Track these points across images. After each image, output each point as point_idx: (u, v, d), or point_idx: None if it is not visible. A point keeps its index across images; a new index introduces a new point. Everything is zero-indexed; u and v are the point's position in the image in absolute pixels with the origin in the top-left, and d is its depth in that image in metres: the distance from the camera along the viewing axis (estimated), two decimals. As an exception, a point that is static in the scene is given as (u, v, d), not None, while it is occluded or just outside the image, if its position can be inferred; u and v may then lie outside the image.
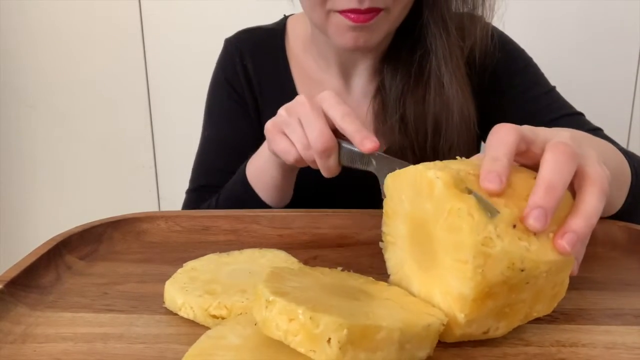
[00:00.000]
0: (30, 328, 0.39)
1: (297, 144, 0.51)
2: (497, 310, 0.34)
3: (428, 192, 0.35)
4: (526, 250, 0.33)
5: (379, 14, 0.60)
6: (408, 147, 0.68)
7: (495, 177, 0.33)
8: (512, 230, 0.33)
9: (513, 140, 0.36)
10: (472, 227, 0.32)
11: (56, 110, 1.35)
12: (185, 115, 1.21)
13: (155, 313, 0.41)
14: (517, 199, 0.34)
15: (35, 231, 1.44)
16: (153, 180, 1.38)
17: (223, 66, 0.79)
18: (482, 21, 0.69)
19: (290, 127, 0.51)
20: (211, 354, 0.32)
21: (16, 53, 1.31)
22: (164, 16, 1.28)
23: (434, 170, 0.34)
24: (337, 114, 0.48)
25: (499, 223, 0.32)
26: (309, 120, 0.49)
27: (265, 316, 0.32)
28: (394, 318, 0.32)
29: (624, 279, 0.46)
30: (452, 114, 0.67)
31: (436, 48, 0.66)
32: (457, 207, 0.33)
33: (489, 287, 0.32)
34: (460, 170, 0.35)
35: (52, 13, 1.28)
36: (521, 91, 0.72)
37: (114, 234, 0.54)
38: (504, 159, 0.34)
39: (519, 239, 0.33)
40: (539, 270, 0.33)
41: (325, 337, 0.29)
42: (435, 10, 0.65)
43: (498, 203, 0.33)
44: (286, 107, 0.52)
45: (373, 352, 0.30)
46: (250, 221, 0.56)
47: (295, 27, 0.78)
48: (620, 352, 0.35)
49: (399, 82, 0.69)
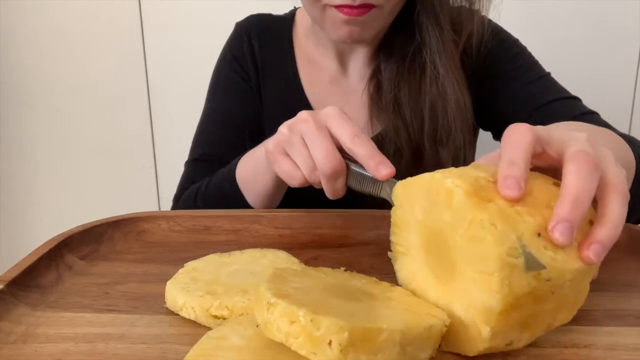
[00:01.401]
0: (31, 328, 0.39)
1: (303, 166, 0.48)
2: (521, 321, 0.33)
3: (446, 201, 0.33)
4: (552, 260, 0.32)
5: (372, 10, 0.62)
6: (402, 127, 0.69)
7: (514, 183, 0.32)
8: (537, 239, 0.32)
9: (529, 141, 0.34)
10: (497, 237, 0.31)
11: (56, 110, 1.35)
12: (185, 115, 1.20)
13: (157, 313, 0.40)
14: (540, 207, 0.33)
15: (35, 231, 1.44)
16: (153, 180, 1.38)
17: (231, 45, 0.81)
18: (479, 14, 0.70)
19: (294, 148, 0.48)
20: (212, 355, 0.32)
21: (16, 53, 1.31)
22: (164, 16, 1.28)
23: (452, 178, 0.33)
24: (347, 135, 0.45)
25: (524, 232, 0.31)
26: (314, 140, 0.46)
27: (266, 318, 0.32)
28: (396, 319, 0.32)
29: (625, 280, 0.46)
30: (449, 104, 0.68)
31: (429, 42, 0.67)
32: (480, 217, 0.31)
33: (515, 299, 0.31)
34: (479, 177, 0.34)
35: (52, 13, 1.28)
36: (515, 76, 0.73)
37: (114, 234, 0.54)
38: (521, 163, 0.33)
39: (544, 248, 0.32)
40: (564, 279, 0.32)
41: (326, 340, 0.29)
42: (428, 6, 0.67)
43: (521, 212, 0.32)
44: (288, 124, 0.49)
45: (374, 355, 0.30)
46: (251, 221, 0.56)
47: (302, 17, 0.80)
48: (622, 353, 0.35)
49: (393, 64, 0.70)
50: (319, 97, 0.76)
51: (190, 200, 0.70)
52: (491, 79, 0.74)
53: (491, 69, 0.74)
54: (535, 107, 0.70)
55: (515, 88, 0.73)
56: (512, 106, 0.72)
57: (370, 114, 0.73)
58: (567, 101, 0.71)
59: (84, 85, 1.33)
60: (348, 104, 0.74)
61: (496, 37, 0.74)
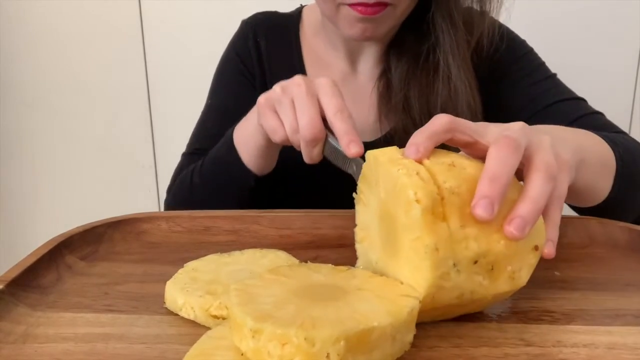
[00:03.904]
0: (31, 328, 0.39)
1: (286, 125, 0.51)
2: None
3: (404, 207, 0.35)
4: (479, 285, 0.35)
5: (386, 9, 0.62)
6: (411, 127, 0.69)
7: (488, 205, 0.33)
8: (472, 266, 0.34)
9: (516, 157, 0.36)
10: (435, 263, 0.33)
11: (56, 110, 1.35)
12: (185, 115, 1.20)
13: (156, 313, 0.40)
14: (490, 231, 0.35)
15: (35, 231, 1.44)
16: (153, 180, 1.38)
17: (235, 42, 0.81)
18: (489, 16, 0.70)
19: (282, 107, 0.51)
20: (212, 354, 0.32)
21: (16, 53, 1.31)
22: (164, 16, 1.28)
23: (414, 189, 0.34)
24: (331, 107, 0.48)
25: (461, 259, 0.34)
26: (302, 104, 0.49)
27: (253, 346, 0.31)
28: (380, 312, 0.32)
29: (624, 279, 0.46)
30: (460, 105, 0.68)
31: (444, 41, 0.68)
32: (426, 242, 0.33)
33: (436, 305, 0.35)
34: (446, 185, 0.34)
35: (52, 13, 1.28)
36: (521, 76, 0.73)
37: (114, 234, 0.54)
38: (503, 180, 0.34)
39: (476, 274, 0.35)
40: (487, 299, 0.36)
41: (324, 354, 0.29)
42: (443, 5, 0.67)
43: (469, 235, 0.34)
44: (282, 84, 0.52)
45: (370, 353, 0.31)
46: (251, 221, 0.56)
47: (309, 15, 0.80)
48: (621, 352, 0.35)
49: (404, 64, 0.71)
50: None
51: (187, 179, 0.70)
52: (498, 79, 0.74)
53: (498, 70, 0.74)
54: (540, 108, 0.70)
55: (521, 88, 0.73)
56: (517, 107, 0.72)
57: (380, 113, 0.73)
58: (571, 102, 0.71)
59: (84, 85, 1.33)
60: (357, 103, 0.74)
61: (504, 38, 0.73)
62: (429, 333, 0.37)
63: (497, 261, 0.35)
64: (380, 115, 0.73)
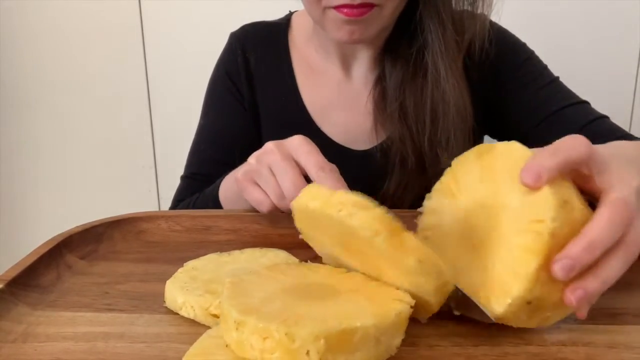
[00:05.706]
0: (31, 327, 0.39)
1: (271, 194, 0.50)
2: None
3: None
4: (517, 318, 0.35)
5: (372, 10, 0.61)
6: (408, 136, 0.69)
7: (570, 269, 0.32)
8: (525, 305, 0.33)
9: (617, 236, 0.34)
10: (529, 289, 0.33)
11: (56, 110, 1.35)
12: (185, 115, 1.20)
13: (156, 312, 0.41)
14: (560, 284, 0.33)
15: (35, 231, 1.44)
16: (153, 180, 1.38)
17: (225, 59, 0.80)
18: (482, 17, 0.69)
19: (262, 177, 0.51)
20: (211, 353, 0.32)
21: (16, 53, 1.31)
22: (164, 16, 1.28)
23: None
24: (311, 166, 0.47)
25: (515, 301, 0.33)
26: (281, 169, 0.49)
27: (237, 338, 0.31)
28: (366, 313, 0.32)
29: (624, 278, 0.45)
30: (449, 106, 0.67)
31: (432, 42, 0.67)
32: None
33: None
34: (555, 222, 0.33)
35: (52, 13, 1.28)
36: (524, 83, 0.72)
37: (114, 233, 0.54)
38: (597, 252, 0.33)
39: (523, 311, 0.34)
40: (512, 327, 0.36)
41: (304, 351, 0.29)
42: (431, 6, 0.66)
43: (541, 276, 0.33)
44: (256, 155, 0.52)
45: (352, 354, 0.30)
46: (251, 221, 0.56)
47: (299, 21, 0.79)
48: (621, 351, 0.35)
49: (399, 70, 0.70)
50: (319, 105, 0.75)
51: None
52: (501, 85, 0.73)
53: (499, 77, 0.73)
54: (548, 115, 0.70)
55: (527, 95, 0.72)
56: (524, 114, 0.72)
57: (375, 122, 0.72)
58: (578, 106, 0.70)
59: (84, 85, 1.33)
60: (352, 111, 0.74)
61: (503, 41, 0.73)
62: (429, 332, 0.37)
63: (544, 307, 0.34)
64: (376, 123, 0.72)
